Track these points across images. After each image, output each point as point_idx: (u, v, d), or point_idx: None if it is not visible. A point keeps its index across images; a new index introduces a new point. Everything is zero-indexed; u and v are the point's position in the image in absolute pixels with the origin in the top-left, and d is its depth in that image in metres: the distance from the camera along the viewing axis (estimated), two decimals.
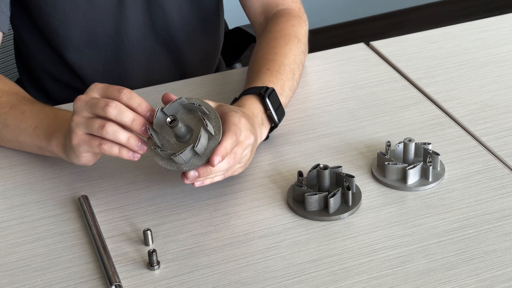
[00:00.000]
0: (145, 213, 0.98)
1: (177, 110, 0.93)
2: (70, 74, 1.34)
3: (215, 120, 0.93)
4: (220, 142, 0.92)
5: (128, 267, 0.90)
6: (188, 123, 0.93)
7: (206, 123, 0.91)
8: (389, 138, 1.09)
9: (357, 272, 0.88)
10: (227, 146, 0.92)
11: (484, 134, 1.10)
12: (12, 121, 1.06)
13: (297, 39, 1.20)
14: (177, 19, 1.32)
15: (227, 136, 0.93)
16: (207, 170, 0.93)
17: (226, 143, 0.92)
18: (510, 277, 0.86)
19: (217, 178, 0.96)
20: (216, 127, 0.92)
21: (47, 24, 1.27)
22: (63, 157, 1.01)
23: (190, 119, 0.93)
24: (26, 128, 1.04)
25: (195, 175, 0.93)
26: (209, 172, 0.93)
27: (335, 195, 0.96)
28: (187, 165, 0.91)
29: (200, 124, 0.92)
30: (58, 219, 0.98)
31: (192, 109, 0.93)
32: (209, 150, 0.91)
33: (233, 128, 0.94)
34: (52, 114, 1.05)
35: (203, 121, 0.91)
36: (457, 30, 1.37)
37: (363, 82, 1.24)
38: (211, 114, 0.93)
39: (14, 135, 1.06)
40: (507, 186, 1.00)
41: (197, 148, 0.90)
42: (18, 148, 1.09)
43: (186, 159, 0.91)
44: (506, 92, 1.19)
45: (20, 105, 1.07)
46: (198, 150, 0.90)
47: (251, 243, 0.93)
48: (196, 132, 0.92)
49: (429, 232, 0.93)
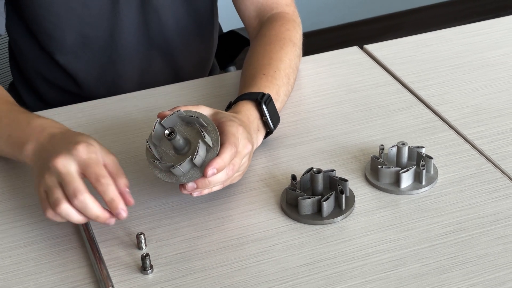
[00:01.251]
0: (138, 217, 0.98)
1: (175, 123, 0.94)
2: (64, 77, 1.33)
3: (213, 132, 0.93)
4: (218, 154, 0.92)
5: (121, 271, 0.90)
6: (186, 135, 0.93)
7: (204, 135, 0.91)
8: (383, 142, 1.09)
9: (350, 276, 0.88)
10: (225, 159, 0.92)
11: (477, 138, 1.10)
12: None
13: (292, 43, 1.20)
14: (171, 22, 1.32)
15: (226, 148, 0.92)
16: (205, 182, 0.93)
17: (224, 155, 0.92)
18: (502, 281, 0.86)
19: (215, 188, 0.96)
20: (214, 139, 0.93)
21: (41, 27, 1.27)
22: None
23: (188, 131, 0.94)
24: (1, 135, 1.01)
25: (193, 187, 0.93)
26: (207, 184, 0.93)
27: (329, 199, 0.96)
28: (186, 177, 0.92)
29: (198, 136, 0.92)
30: (51, 223, 0.98)
31: (190, 121, 0.94)
32: (207, 162, 0.91)
33: (232, 139, 0.94)
34: (25, 121, 1.00)
35: (201, 133, 0.92)
36: (450, 34, 1.38)
37: (357, 85, 1.24)
38: (209, 126, 0.93)
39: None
40: (500, 189, 1.00)
41: (195, 160, 0.90)
42: (1, 155, 1.05)
43: (184, 171, 0.91)
44: (499, 95, 1.19)
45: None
46: (196, 162, 0.91)
47: (245, 247, 0.93)
48: (194, 144, 0.93)
49: (422, 236, 0.93)
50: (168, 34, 1.33)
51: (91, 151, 0.90)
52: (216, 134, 0.93)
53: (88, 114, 1.20)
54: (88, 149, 0.90)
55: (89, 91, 1.34)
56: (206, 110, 0.99)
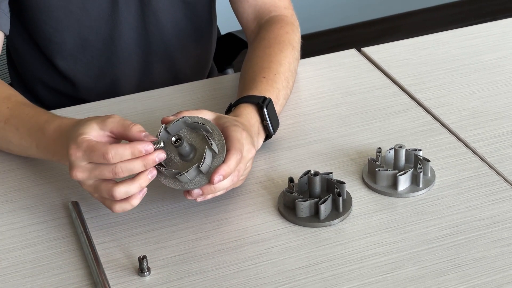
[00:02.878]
0: (136, 219, 0.98)
1: (180, 129, 0.94)
2: (62, 80, 1.33)
3: (218, 138, 0.93)
4: (224, 161, 0.92)
5: (119, 274, 0.90)
6: (191, 141, 0.93)
7: (210, 142, 0.91)
8: (380, 144, 1.09)
9: (348, 279, 0.88)
10: (231, 165, 0.92)
11: (474, 141, 1.10)
12: (12, 138, 1.04)
13: (292, 46, 1.21)
14: (170, 25, 1.32)
15: (232, 154, 0.93)
16: (211, 189, 0.93)
17: (230, 162, 0.92)
18: (500, 283, 0.87)
19: (219, 192, 0.96)
20: (220, 145, 0.93)
21: (41, 31, 1.27)
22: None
23: (193, 137, 0.94)
24: (29, 145, 1.03)
25: (199, 193, 0.93)
26: (213, 190, 0.93)
27: (326, 201, 0.96)
28: (192, 183, 0.92)
29: (203, 142, 0.92)
30: (49, 225, 0.98)
31: (195, 127, 0.94)
32: (213, 168, 0.91)
33: (237, 145, 0.94)
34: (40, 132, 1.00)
35: (208, 140, 0.92)
36: (448, 37, 1.38)
37: (354, 88, 1.24)
38: (214, 133, 0.93)
39: (22, 150, 1.05)
40: (497, 192, 1.00)
41: (202, 167, 0.91)
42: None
43: (190, 178, 0.91)
44: (497, 98, 1.20)
45: (13, 118, 1.04)
46: (203, 169, 0.91)
47: (242, 249, 0.93)
48: (199, 150, 0.93)
49: (419, 238, 0.93)
50: (166, 37, 1.33)
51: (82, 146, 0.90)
52: (221, 140, 0.93)
53: (85, 116, 1.19)
54: (78, 147, 0.90)
55: (87, 94, 1.34)
56: (209, 114, 0.99)
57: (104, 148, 0.88)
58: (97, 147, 0.89)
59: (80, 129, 0.92)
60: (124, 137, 0.92)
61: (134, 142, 0.90)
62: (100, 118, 0.93)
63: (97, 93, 1.34)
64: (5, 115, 1.05)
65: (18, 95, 1.09)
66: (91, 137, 0.91)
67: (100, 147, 0.89)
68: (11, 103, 1.07)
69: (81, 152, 0.90)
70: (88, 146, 0.90)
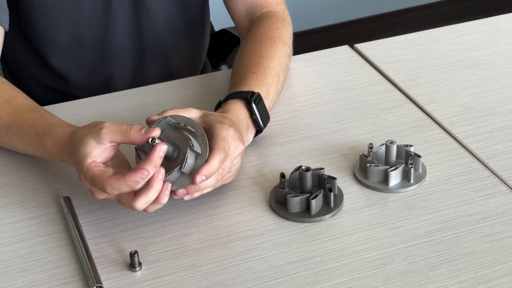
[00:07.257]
0: (127, 214, 0.98)
1: (163, 129, 0.93)
2: (56, 78, 1.33)
3: (201, 138, 0.93)
4: (207, 160, 0.92)
5: (110, 269, 0.90)
6: (175, 141, 0.93)
7: (192, 144, 0.91)
8: (372, 140, 1.10)
9: (338, 274, 0.88)
10: (213, 165, 0.92)
11: (465, 137, 1.10)
12: (16, 144, 1.05)
13: (282, 42, 1.21)
14: (163, 21, 1.32)
15: (215, 153, 0.92)
16: (195, 188, 0.93)
17: (213, 161, 0.92)
18: (489, 278, 0.87)
19: (206, 190, 0.96)
20: (202, 145, 0.92)
21: (35, 29, 1.27)
22: None
23: (177, 137, 0.93)
24: (34, 152, 1.04)
25: (184, 193, 0.94)
26: (197, 189, 0.94)
27: (317, 196, 0.96)
28: (176, 184, 0.92)
29: (186, 142, 0.92)
30: (40, 220, 0.98)
31: (178, 127, 0.94)
32: (197, 168, 0.91)
33: (221, 143, 0.93)
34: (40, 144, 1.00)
35: (189, 141, 0.92)
36: (440, 33, 1.38)
37: (347, 84, 1.24)
38: (197, 132, 0.93)
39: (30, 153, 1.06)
40: (488, 188, 1.00)
41: (184, 169, 0.91)
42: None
43: (174, 179, 0.92)
44: (488, 94, 1.20)
45: (13, 126, 1.04)
46: (185, 170, 0.91)
47: (233, 244, 0.93)
48: (183, 150, 0.92)
49: (410, 233, 0.94)
50: (160, 34, 1.33)
51: (87, 177, 0.90)
52: (204, 140, 0.93)
53: (77, 112, 1.20)
54: (85, 177, 0.90)
55: (81, 91, 1.34)
56: (195, 112, 0.99)
57: (101, 182, 0.88)
58: (96, 180, 0.89)
59: (81, 151, 0.91)
60: (126, 143, 0.91)
61: (129, 174, 0.87)
62: (93, 131, 0.91)
63: (91, 90, 1.34)
64: (7, 121, 1.04)
65: (17, 95, 1.08)
66: (94, 159, 0.90)
67: (98, 181, 0.89)
68: (11, 108, 1.05)
69: (88, 183, 0.91)
70: (91, 178, 0.90)
